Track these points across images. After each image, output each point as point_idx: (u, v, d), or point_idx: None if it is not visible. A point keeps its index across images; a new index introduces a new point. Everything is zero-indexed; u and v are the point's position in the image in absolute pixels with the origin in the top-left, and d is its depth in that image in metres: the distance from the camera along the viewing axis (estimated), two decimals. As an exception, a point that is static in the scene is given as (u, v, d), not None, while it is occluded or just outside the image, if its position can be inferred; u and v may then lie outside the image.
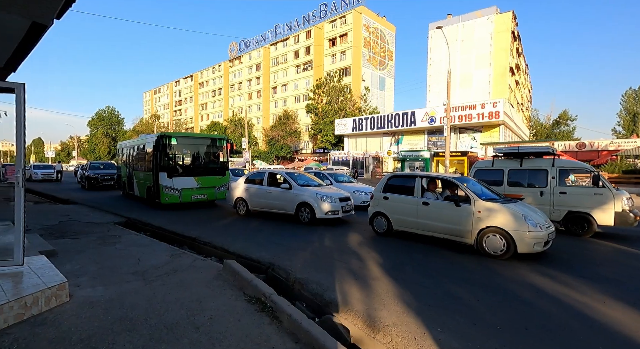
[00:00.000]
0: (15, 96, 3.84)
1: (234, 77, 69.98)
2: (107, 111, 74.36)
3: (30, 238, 6.06)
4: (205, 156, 11.77)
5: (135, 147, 13.38)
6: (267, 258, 5.33)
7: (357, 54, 50.26)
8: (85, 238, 6.67)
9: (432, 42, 48.76)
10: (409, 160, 26.40)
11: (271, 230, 7.66)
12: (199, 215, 9.81)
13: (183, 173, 10.93)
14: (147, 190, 11.80)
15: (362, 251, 5.79)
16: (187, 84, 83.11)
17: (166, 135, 10.68)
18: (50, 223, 8.10)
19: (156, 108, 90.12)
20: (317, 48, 54.51)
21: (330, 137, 43.63)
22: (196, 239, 6.81)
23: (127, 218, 9.20)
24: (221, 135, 13.25)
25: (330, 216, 8.08)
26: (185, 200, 10.90)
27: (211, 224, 8.46)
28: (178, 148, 11.08)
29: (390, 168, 37.03)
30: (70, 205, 12.15)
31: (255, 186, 9.46)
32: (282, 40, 59.93)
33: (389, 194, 6.78)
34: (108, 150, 71.52)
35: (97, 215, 9.50)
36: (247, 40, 66.46)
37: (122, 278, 4.31)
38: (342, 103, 44.43)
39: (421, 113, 32.05)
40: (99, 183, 18.67)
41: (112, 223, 8.39)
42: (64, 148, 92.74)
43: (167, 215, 9.86)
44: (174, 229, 7.74)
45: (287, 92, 59.44)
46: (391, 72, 57.39)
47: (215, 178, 11.66)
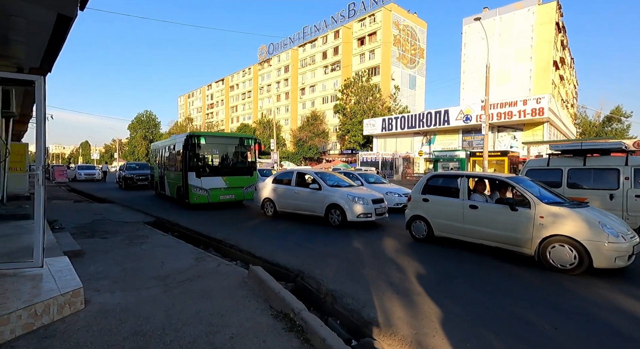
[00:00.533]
0: (35, 89, 3.67)
1: (263, 79, 71.04)
2: (146, 115, 78.30)
3: (60, 237, 6.04)
4: (234, 156, 11.61)
5: (166, 147, 13.56)
6: (295, 265, 4.87)
7: (386, 53, 49.08)
8: (114, 237, 6.59)
9: (466, 37, 46.57)
10: (442, 161, 25.06)
11: (300, 233, 7.22)
12: (226, 216, 9.60)
13: (211, 173, 10.82)
14: (177, 189, 11.85)
15: (401, 259, 5.17)
16: (218, 88, 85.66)
17: (195, 134, 10.62)
18: (84, 221, 8.20)
19: (190, 112, 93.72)
20: (346, 48, 53.91)
21: (358, 138, 42.83)
22: (222, 241, 6.51)
23: (156, 218, 9.18)
24: (249, 134, 13.03)
25: (363, 219, 7.50)
26: (214, 200, 10.77)
27: (238, 225, 8.18)
28: (207, 148, 10.99)
29: (421, 169, 35.61)
30: (106, 204, 12.49)
31: (283, 186, 9.09)
32: (310, 42, 59.95)
33: (429, 196, 6.09)
34: (146, 152, 75.24)
35: (128, 214, 9.58)
36: (276, 43, 67.37)
37: (143, 283, 4.02)
38: (370, 103, 43.49)
39: (455, 112, 30.47)
40: (134, 183, 19.30)
41: (141, 223, 8.36)
42: (107, 150, 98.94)
43: (195, 215, 9.75)
44: (201, 230, 7.52)
45: (315, 93, 59.33)
46: (422, 70, 55.50)
47: (243, 178, 11.46)
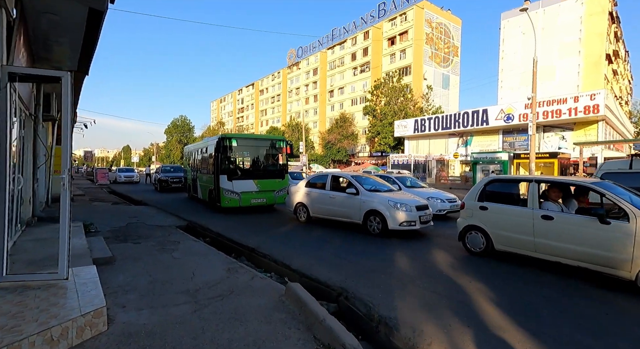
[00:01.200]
0: (62, 85, 3.40)
1: (292, 82, 71.60)
2: (181, 120, 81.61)
3: (93, 242, 5.90)
4: (265, 158, 11.30)
5: (198, 150, 13.57)
6: (337, 281, 4.30)
7: (418, 52, 47.53)
8: (146, 242, 6.39)
9: (504, 33, 44.03)
10: (482, 163, 23.43)
11: (337, 242, 6.64)
12: (258, 221, 9.25)
13: (243, 176, 10.56)
14: (208, 192, 11.74)
15: (461, 278, 4.43)
16: (248, 92, 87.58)
17: (226, 136, 10.42)
18: (118, 224, 8.17)
19: (221, 116, 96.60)
20: (375, 48, 52.92)
21: (389, 140, 41.64)
22: (255, 250, 6.08)
23: (188, 222, 9.01)
24: (280, 136, 12.70)
25: (406, 227, 6.79)
26: (245, 204, 10.49)
27: (270, 232, 7.76)
28: (238, 150, 10.75)
29: (456, 172, 33.84)
30: (141, 206, 12.66)
31: (317, 190, 8.58)
32: (339, 44, 59.57)
33: (488, 203, 5.29)
34: (180, 155, 78.37)
35: (161, 217, 9.51)
36: (305, 47, 67.65)
37: (172, 299, 3.64)
38: (402, 104, 42.18)
39: (495, 111, 28.59)
40: (168, 185, 19.71)
41: (173, 227, 8.19)
42: (146, 154, 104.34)
43: (227, 219, 9.49)
44: (232, 236, 7.16)
45: (344, 95, 58.76)
46: (456, 69, 53.17)
47: (275, 182, 11.10)
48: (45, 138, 10.79)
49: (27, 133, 6.52)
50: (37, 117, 6.72)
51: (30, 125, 6.59)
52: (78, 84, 7.66)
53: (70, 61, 6.32)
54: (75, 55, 5.85)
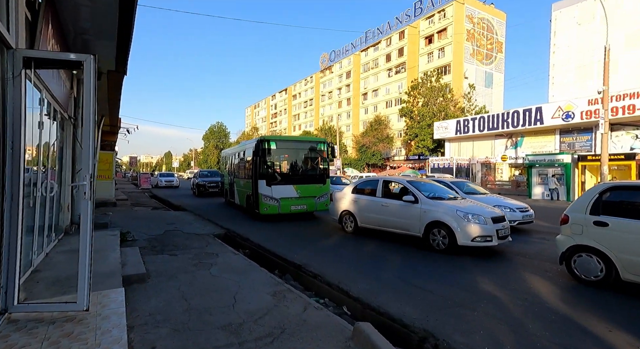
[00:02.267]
0: (84, 71, 2.79)
1: (325, 86, 71.29)
2: (217, 126, 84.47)
3: (128, 254, 5.41)
4: (305, 162, 10.56)
5: (236, 154, 13.18)
6: (415, 319, 3.33)
7: (458, 50, 45.05)
8: (182, 254, 5.81)
9: (556, 25, 40.37)
10: (539, 166, 21.07)
11: (396, 260, 5.64)
12: (300, 230, 8.47)
13: (282, 180, 9.88)
14: (246, 198, 11.21)
15: (590, 322, 3.26)
16: (281, 97, 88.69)
17: (265, 138, 9.81)
18: (155, 232, 7.76)
19: (255, 121, 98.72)
20: (411, 48, 51.02)
21: (427, 142, 39.59)
22: (302, 267, 5.25)
23: (226, 230, 8.45)
24: (320, 137, 11.92)
25: (480, 243, 5.64)
26: (284, 211, 9.79)
27: (315, 244, 6.92)
28: (277, 153, 10.11)
29: (504, 175, 31.19)
30: (179, 211, 12.44)
31: (365, 197, 7.63)
32: (372, 45, 58.33)
33: (608, 218, 4.03)
34: (217, 160, 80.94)
35: (198, 225, 9.05)
36: (338, 50, 67.11)
37: (211, 337, 2.88)
38: (441, 105, 39.99)
39: (551, 109, 25.89)
40: (206, 190, 19.72)
41: (211, 236, 7.63)
42: (185, 159, 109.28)
43: (266, 227, 8.82)
44: (275, 249, 6.41)
45: (378, 98, 57.27)
46: (500, 66, 49.73)
47: (315, 187, 10.31)
48: (89, 144, 10.91)
49: (65, 137, 6.26)
50: (77, 119, 6.45)
51: (69, 128, 6.32)
52: (117, 85, 7.40)
53: (107, 59, 5.98)
54: (110, 50, 5.45)
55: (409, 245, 6.56)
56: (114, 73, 6.58)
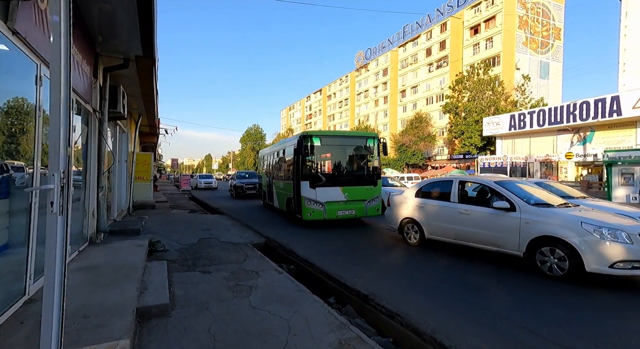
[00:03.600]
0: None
1: (360, 85, 69.56)
2: (254, 129, 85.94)
3: (154, 270, 4.45)
4: (353, 160, 9.25)
5: (274, 153, 12.20)
6: None
7: (509, 39, 41.23)
8: (217, 273, 4.77)
9: (627, 4, 35.44)
10: (621, 164, 17.90)
11: (497, 290, 4.14)
12: (351, 240, 7.18)
13: (328, 182, 8.66)
14: (286, 202, 10.14)
15: None
16: (316, 98, 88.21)
17: (308, 134, 8.65)
18: (189, 241, 6.88)
19: (290, 123, 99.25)
20: (454, 40, 47.78)
21: (475, 139, 36.47)
22: (369, 299, 3.93)
23: (266, 239, 7.39)
24: (371, 132, 10.55)
25: (623, 271, 3.95)
26: (330, 217, 8.55)
27: (376, 261, 5.58)
28: (322, 151, 8.91)
29: (569, 175, 27.58)
30: (216, 215, 11.71)
31: (435, 203, 6.15)
32: (411, 40, 55.65)
33: None
34: (254, 162, 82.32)
35: (236, 231, 8.09)
36: (374, 47, 65.13)
37: None
38: (490, 99, 36.67)
39: (632, 98, 22.25)
40: (243, 191, 19.13)
41: (249, 246, 6.59)
42: (224, 161, 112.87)
43: (311, 236, 7.64)
44: (327, 268, 5.15)
45: (417, 94, 54.45)
46: (558, 55, 44.84)
47: (366, 189, 8.96)
48: (126, 143, 10.48)
49: (90, 133, 5.52)
50: (103, 113, 5.70)
51: (94, 124, 5.57)
52: (149, 76, 6.61)
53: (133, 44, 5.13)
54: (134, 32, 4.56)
55: (504, 267, 4.99)
56: (143, 60, 5.76)
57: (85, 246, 5.20)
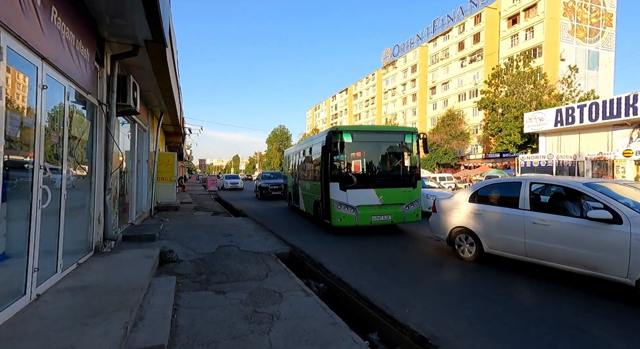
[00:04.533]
0: None
1: (387, 83, 67.65)
2: (279, 129, 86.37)
3: (157, 290, 3.69)
4: (389, 158, 8.19)
5: (300, 151, 11.37)
6: None
7: (552, 27, 38.00)
8: (233, 293, 3.95)
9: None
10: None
11: (620, 341, 2.97)
12: (390, 253, 6.14)
13: (360, 183, 7.67)
14: (313, 205, 9.25)
15: None
16: (342, 98, 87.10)
17: (338, 129, 7.69)
18: (207, 249, 6.16)
19: (316, 123, 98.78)
20: (490, 32, 44.92)
21: (514, 137, 33.83)
22: (429, 344, 2.90)
23: (291, 248, 6.53)
24: (410, 127, 9.43)
25: None
26: (363, 223, 7.56)
27: (425, 281, 4.54)
28: (354, 148, 7.92)
29: (628, 175, 24.60)
30: (239, 218, 11.05)
31: (498, 209, 4.98)
32: (442, 34, 53.13)
33: None
34: (280, 162, 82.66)
35: (259, 238, 7.31)
36: (401, 44, 63.09)
37: None
38: (531, 93, 33.86)
39: None
40: (268, 192, 18.55)
41: (273, 256, 5.76)
42: (251, 162, 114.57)
43: (342, 245, 6.68)
44: (366, 292, 4.16)
45: (449, 91, 51.86)
46: (609, 43, 40.77)
47: (403, 192, 7.88)
48: (147, 142, 10.06)
49: (96, 129, 4.90)
50: (110, 107, 5.08)
51: (99, 119, 4.96)
52: (162, 64, 5.97)
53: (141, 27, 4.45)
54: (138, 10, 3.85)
55: (606, 297, 3.77)
56: (154, 46, 5.09)
57: (88, 257, 4.57)
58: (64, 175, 3.71)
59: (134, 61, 5.91)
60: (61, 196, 3.64)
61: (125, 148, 7.82)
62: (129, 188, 8.19)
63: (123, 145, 7.42)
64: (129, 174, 8.18)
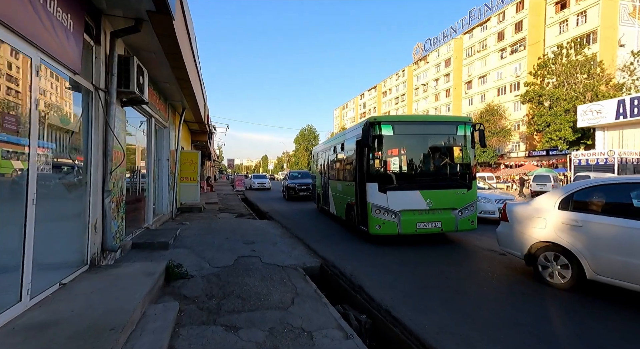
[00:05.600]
0: None
1: (419, 79, 64.86)
2: (307, 129, 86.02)
3: (150, 327, 2.74)
4: (438, 154, 6.87)
5: (330, 148, 10.28)
6: None
7: (609, 10, 34.06)
8: (247, 331, 2.94)
9: None
10: None
11: None
12: (447, 271, 4.87)
13: (403, 184, 6.44)
14: (346, 208, 8.13)
15: None
16: (370, 96, 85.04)
17: (377, 120, 6.49)
18: (224, 261, 5.23)
19: (344, 122, 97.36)
20: (534, 20, 41.33)
21: (565, 132, 30.60)
22: None
23: (322, 261, 5.45)
24: (463, 117, 8.04)
25: None
26: (407, 231, 6.33)
27: (508, 318, 3.27)
28: (395, 142, 6.69)
29: None
30: (264, 221, 10.17)
31: (610, 220, 3.59)
32: (479, 25, 49.82)
33: None
34: (307, 162, 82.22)
35: (284, 246, 6.30)
36: (434, 38, 60.14)
37: None
38: (585, 83, 30.45)
39: None
40: (296, 193, 17.67)
41: (300, 272, 4.72)
42: (279, 162, 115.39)
43: (385, 262, 5.49)
44: (428, 338, 2.97)
45: (487, 85, 48.51)
46: (678, 24, 35.87)
47: (455, 194, 6.55)
48: (167, 140, 9.44)
49: (90, 119, 4.11)
50: (109, 93, 4.28)
51: (96, 107, 4.17)
52: (172, 45, 5.13)
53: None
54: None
55: None
56: (159, 20, 4.23)
57: (79, 273, 3.76)
58: (32, 164, 2.86)
59: (141, 43, 5.13)
60: (28, 196, 2.80)
61: (140, 144, 7.15)
62: (146, 189, 7.52)
63: (136, 139, 6.73)
64: (145, 174, 7.52)
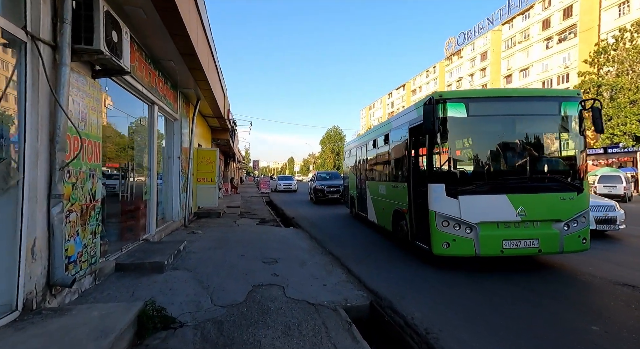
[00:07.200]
0: None
1: (451, 75, 61.33)
2: (333, 130, 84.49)
3: None
4: (533, 144, 4.89)
5: (369, 142, 8.53)
6: None
7: (680, -15, 29.60)
8: None
9: None
10: None
11: None
12: (571, 321, 2.96)
13: (482, 185, 4.57)
14: (393, 217, 6.33)
15: None
16: (399, 94, 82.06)
17: (444, 96, 4.66)
18: (233, 294, 3.64)
19: (371, 123, 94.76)
20: (587, 3, 37.20)
21: (631, 126, 26.74)
22: None
23: (371, 296, 3.71)
24: (568, 90, 5.97)
25: None
26: (488, 252, 4.45)
27: None
28: (471, 127, 4.84)
29: None
30: (290, 229, 8.58)
31: None
32: (520, 13, 45.92)
33: None
34: (333, 164, 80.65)
35: (316, 267, 4.64)
36: (468, 31, 56.46)
37: None
38: (654, 70, 26.44)
39: None
40: (325, 195, 16.05)
41: (341, 315, 3.02)
42: (305, 163, 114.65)
43: (468, 300, 3.66)
44: None
45: (529, 78, 44.50)
46: None
47: (558, 200, 4.58)
48: (178, 134, 8.14)
49: (29, 86, 2.68)
50: (59, 48, 2.84)
51: (34, 66, 2.73)
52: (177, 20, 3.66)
53: None
54: None
55: None
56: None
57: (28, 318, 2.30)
58: None
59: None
60: None
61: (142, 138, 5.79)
62: (148, 191, 6.16)
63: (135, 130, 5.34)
64: (148, 173, 6.16)
